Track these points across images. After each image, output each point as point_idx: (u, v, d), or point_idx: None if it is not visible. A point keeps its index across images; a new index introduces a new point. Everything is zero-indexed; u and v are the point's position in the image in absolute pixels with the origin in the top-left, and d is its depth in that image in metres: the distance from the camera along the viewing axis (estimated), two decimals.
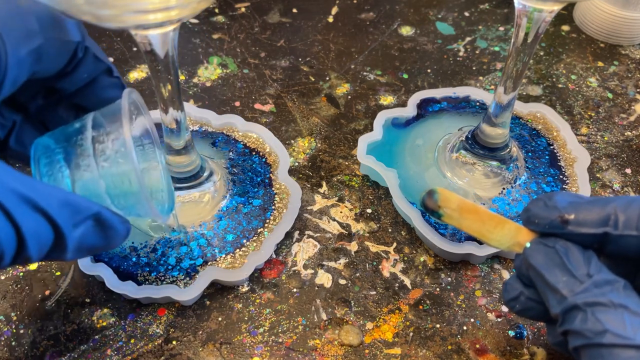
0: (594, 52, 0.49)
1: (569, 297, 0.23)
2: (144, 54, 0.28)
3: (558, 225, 0.25)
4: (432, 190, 0.28)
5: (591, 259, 0.24)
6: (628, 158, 0.41)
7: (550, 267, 0.24)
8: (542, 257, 0.25)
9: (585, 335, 0.22)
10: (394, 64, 0.47)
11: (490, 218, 0.27)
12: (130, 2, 0.21)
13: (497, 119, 0.35)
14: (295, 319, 0.33)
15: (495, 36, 0.50)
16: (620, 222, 0.24)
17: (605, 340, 0.21)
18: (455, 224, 0.28)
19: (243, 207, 0.36)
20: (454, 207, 0.27)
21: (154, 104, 0.44)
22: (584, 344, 0.22)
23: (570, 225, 0.24)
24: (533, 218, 0.25)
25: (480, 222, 0.27)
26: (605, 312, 0.22)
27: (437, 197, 0.27)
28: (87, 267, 0.33)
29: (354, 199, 0.38)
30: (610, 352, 0.21)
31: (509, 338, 0.32)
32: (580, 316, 0.22)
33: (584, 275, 0.23)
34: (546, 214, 0.25)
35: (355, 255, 0.35)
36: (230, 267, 0.33)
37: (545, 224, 0.25)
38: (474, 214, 0.27)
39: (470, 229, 0.27)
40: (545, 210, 0.25)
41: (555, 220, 0.25)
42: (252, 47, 0.49)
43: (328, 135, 0.42)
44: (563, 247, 0.24)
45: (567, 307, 0.23)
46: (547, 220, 0.25)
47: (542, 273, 0.24)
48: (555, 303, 0.23)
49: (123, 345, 0.31)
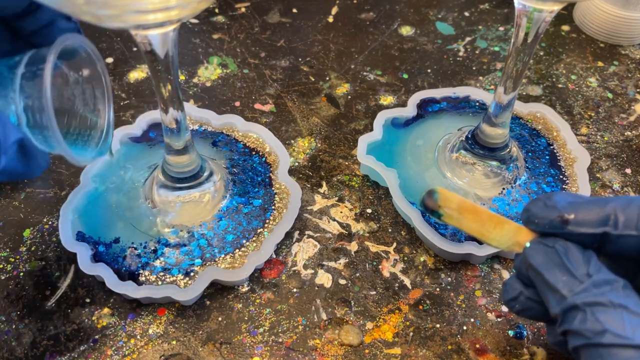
0: (594, 52, 0.49)
1: (568, 297, 0.23)
2: (144, 54, 0.28)
3: (558, 225, 0.25)
4: (432, 190, 0.27)
5: (591, 258, 0.24)
6: (628, 158, 0.41)
7: (550, 267, 0.24)
8: (542, 257, 0.25)
9: (584, 335, 0.22)
10: (394, 64, 0.47)
11: (490, 218, 0.27)
12: (130, 2, 0.21)
13: (497, 119, 0.35)
14: (295, 319, 0.33)
15: (495, 36, 0.50)
16: (620, 222, 0.24)
17: (604, 340, 0.21)
18: (455, 223, 0.27)
19: (243, 207, 0.36)
20: (454, 206, 0.27)
21: (154, 104, 0.44)
22: (583, 343, 0.22)
23: (569, 225, 0.24)
24: (533, 218, 0.25)
25: (480, 222, 0.27)
26: (604, 312, 0.22)
27: (437, 196, 0.27)
28: (87, 267, 0.33)
29: (354, 199, 0.38)
30: (610, 352, 0.21)
31: (509, 338, 0.32)
32: (579, 316, 0.22)
33: (583, 275, 0.23)
34: (546, 213, 0.25)
35: (355, 255, 0.35)
36: (230, 267, 0.33)
37: (545, 223, 0.25)
38: (474, 214, 0.27)
39: (470, 228, 0.27)
40: (545, 210, 0.25)
41: (555, 220, 0.25)
42: (252, 47, 0.49)
43: (328, 135, 0.42)
44: (563, 247, 0.24)
45: (567, 307, 0.23)
46: (546, 220, 0.25)
47: (542, 273, 0.24)
48: (555, 303, 0.23)
49: (123, 345, 0.31)
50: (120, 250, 0.34)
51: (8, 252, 0.35)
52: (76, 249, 0.33)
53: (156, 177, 0.35)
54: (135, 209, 0.35)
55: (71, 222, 0.34)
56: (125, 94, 0.44)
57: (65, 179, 0.39)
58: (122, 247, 0.34)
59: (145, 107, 0.43)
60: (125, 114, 0.43)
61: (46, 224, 0.36)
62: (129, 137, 0.40)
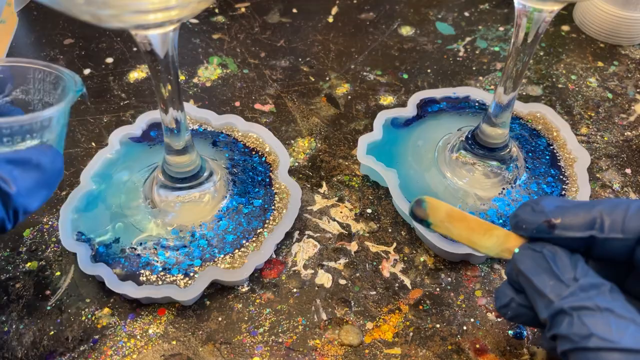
0: (594, 52, 0.49)
1: (555, 302, 0.23)
2: (144, 54, 0.28)
3: (545, 230, 0.25)
4: (420, 199, 0.27)
5: (578, 262, 0.24)
6: (628, 158, 0.41)
7: (538, 272, 0.24)
8: (530, 262, 0.25)
9: (571, 340, 0.22)
10: (394, 64, 0.47)
11: (479, 225, 0.27)
12: (130, 2, 0.21)
13: (497, 119, 0.35)
14: (295, 319, 0.33)
15: (495, 36, 0.50)
16: (606, 225, 0.24)
17: (591, 344, 0.21)
18: (444, 232, 0.27)
19: (243, 208, 0.36)
20: (442, 215, 0.27)
21: (154, 104, 0.44)
22: (570, 348, 0.22)
23: (557, 229, 0.24)
24: (521, 223, 0.26)
25: (469, 230, 0.27)
26: (591, 316, 0.22)
27: (425, 205, 0.27)
28: (87, 267, 0.33)
29: (354, 199, 0.38)
30: (597, 355, 0.21)
31: (509, 338, 0.32)
32: (566, 320, 0.22)
33: (570, 280, 0.23)
34: (533, 218, 0.25)
35: (355, 255, 0.35)
36: (230, 267, 0.33)
37: (533, 228, 0.25)
38: (463, 222, 0.27)
39: (459, 237, 0.27)
40: (532, 215, 0.25)
41: (543, 224, 0.25)
42: (252, 47, 0.49)
43: (328, 135, 0.42)
44: (550, 252, 0.24)
45: (554, 311, 0.23)
46: (534, 225, 0.25)
47: (531, 278, 0.24)
48: (543, 308, 0.23)
49: (123, 345, 0.31)
50: (120, 250, 0.34)
51: (8, 252, 0.35)
52: (76, 249, 0.33)
53: (156, 177, 0.35)
54: (135, 209, 0.35)
55: (71, 222, 0.34)
56: (125, 94, 0.44)
57: (65, 179, 0.39)
58: (122, 247, 0.34)
59: (145, 107, 0.43)
60: (125, 114, 0.43)
61: (46, 224, 0.36)
62: (129, 137, 0.40)
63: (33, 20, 0.50)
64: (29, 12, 0.51)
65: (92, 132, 0.42)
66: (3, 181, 0.25)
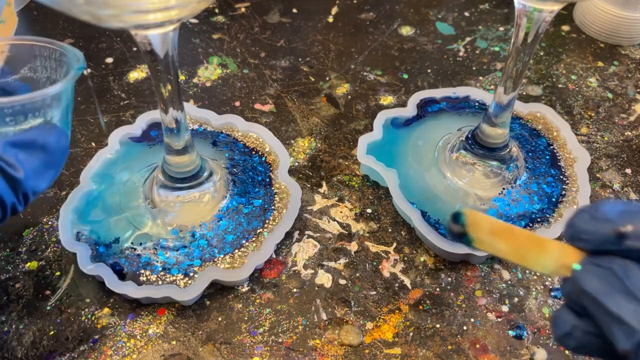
0: (594, 52, 0.49)
1: None
2: (144, 54, 0.28)
3: (613, 241, 0.21)
4: (457, 213, 0.23)
5: None
6: (628, 158, 0.41)
7: (610, 292, 0.20)
8: (598, 280, 0.21)
9: None
10: (394, 64, 0.47)
11: (528, 238, 0.23)
12: (130, 2, 0.21)
13: (497, 119, 0.35)
14: (295, 319, 0.33)
15: (495, 36, 0.50)
16: None
17: None
18: (487, 249, 0.24)
19: (243, 208, 0.36)
20: (485, 230, 0.23)
21: (154, 104, 0.44)
22: None
23: (628, 239, 0.20)
24: (580, 234, 0.21)
25: (517, 245, 0.23)
26: None
27: (463, 220, 0.23)
28: (87, 267, 0.33)
29: (354, 199, 0.38)
30: None
31: (509, 338, 0.32)
32: None
33: None
34: (596, 227, 0.21)
35: (355, 255, 0.35)
36: (230, 267, 0.33)
37: (596, 240, 0.21)
38: (509, 236, 0.23)
39: (506, 253, 0.23)
40: (593, 223, 0.21)
41: (609, 235, 0.21)
42: (252, 47, 0.49)
43: (328, 135, 0.42)
44: (622, 268, 0.20)
45: None
46: (598, 235, 0.21)
47: (601, 301, 0.20)
48: (624, 337, 0.19)
49: (123, 345, 0.31)
50: (120, 250, 0.34)
51: (8, 252, 0.35)
52: (76, 249, 0.33)
53: (156, 177, 0.35)
54: (135, 209, 0.35)
55: (71, 222, 0.34)
56: (125, 94, 0.44)
57: (65, 179, 0.39)
58: (122, 247, 0.34)
59: (145, 107, 0.43)
60: (125, 114, 0.43)
61: (46, 224, 0.36)
62: (129, 137, 0.40)
63: (33, 20, 0.50)
64: (29, 12, 0.51)
65: (92, 132, 0.42)
66: (10, 166, 0.25)
